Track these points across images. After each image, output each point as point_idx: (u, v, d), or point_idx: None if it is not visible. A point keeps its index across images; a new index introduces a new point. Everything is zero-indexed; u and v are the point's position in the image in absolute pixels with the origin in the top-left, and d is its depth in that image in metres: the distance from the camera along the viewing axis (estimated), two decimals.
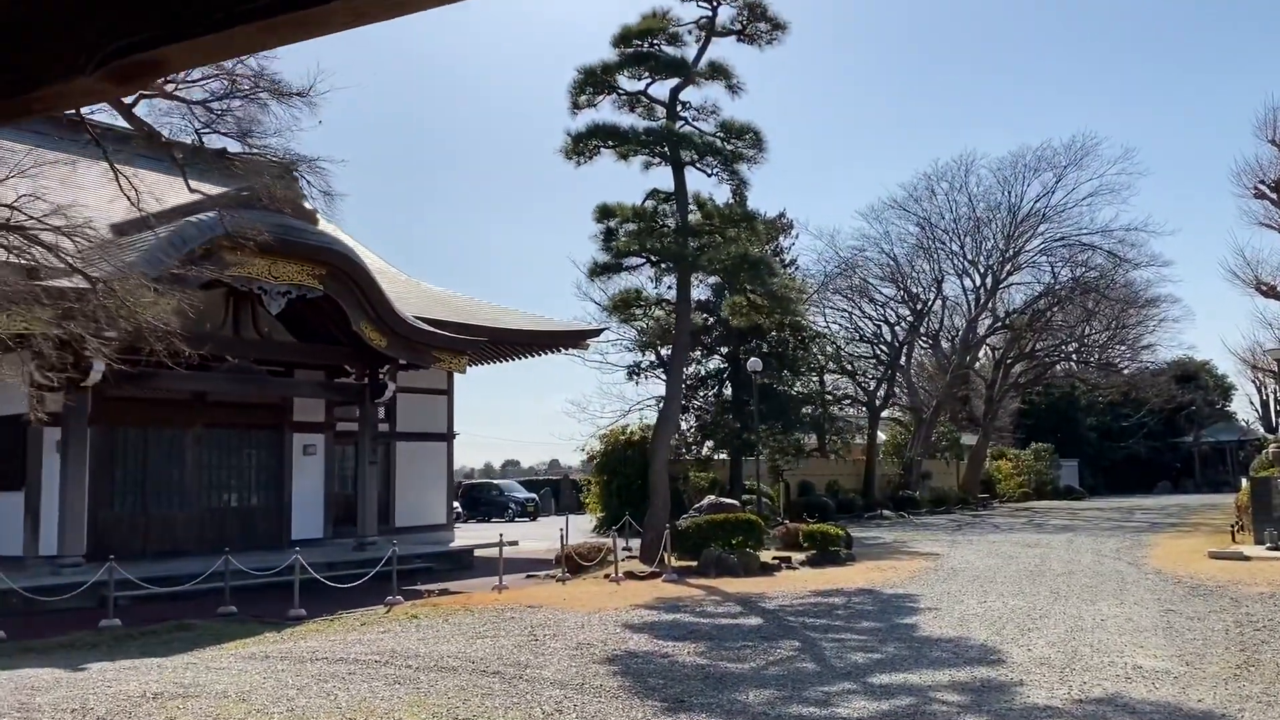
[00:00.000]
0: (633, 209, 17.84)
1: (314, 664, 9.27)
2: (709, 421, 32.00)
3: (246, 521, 20.08)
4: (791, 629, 11.04)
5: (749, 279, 17.95)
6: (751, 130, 18.08)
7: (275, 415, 20.75)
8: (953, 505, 41.37)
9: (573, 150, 17.50)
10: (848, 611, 12.40)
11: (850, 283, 43.99)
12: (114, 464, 18.27)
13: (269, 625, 12.63)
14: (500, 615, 12.40)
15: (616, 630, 10.99)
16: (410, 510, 25.08)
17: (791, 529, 20.37)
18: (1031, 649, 9.56)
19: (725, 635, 10.61)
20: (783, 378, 33.45)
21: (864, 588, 14.76)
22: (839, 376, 44.78)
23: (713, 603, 13.34)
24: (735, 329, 29.60)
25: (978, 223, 44.43)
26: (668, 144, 17.68)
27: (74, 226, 11.26)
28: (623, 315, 18.61)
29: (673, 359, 18.89)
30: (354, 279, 18.91)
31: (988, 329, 46.84)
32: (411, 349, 19.97)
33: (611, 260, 17.35)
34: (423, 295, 25.51)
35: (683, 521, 18.00)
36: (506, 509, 42.62)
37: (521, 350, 27.51)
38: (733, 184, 18.26)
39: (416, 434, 25.54)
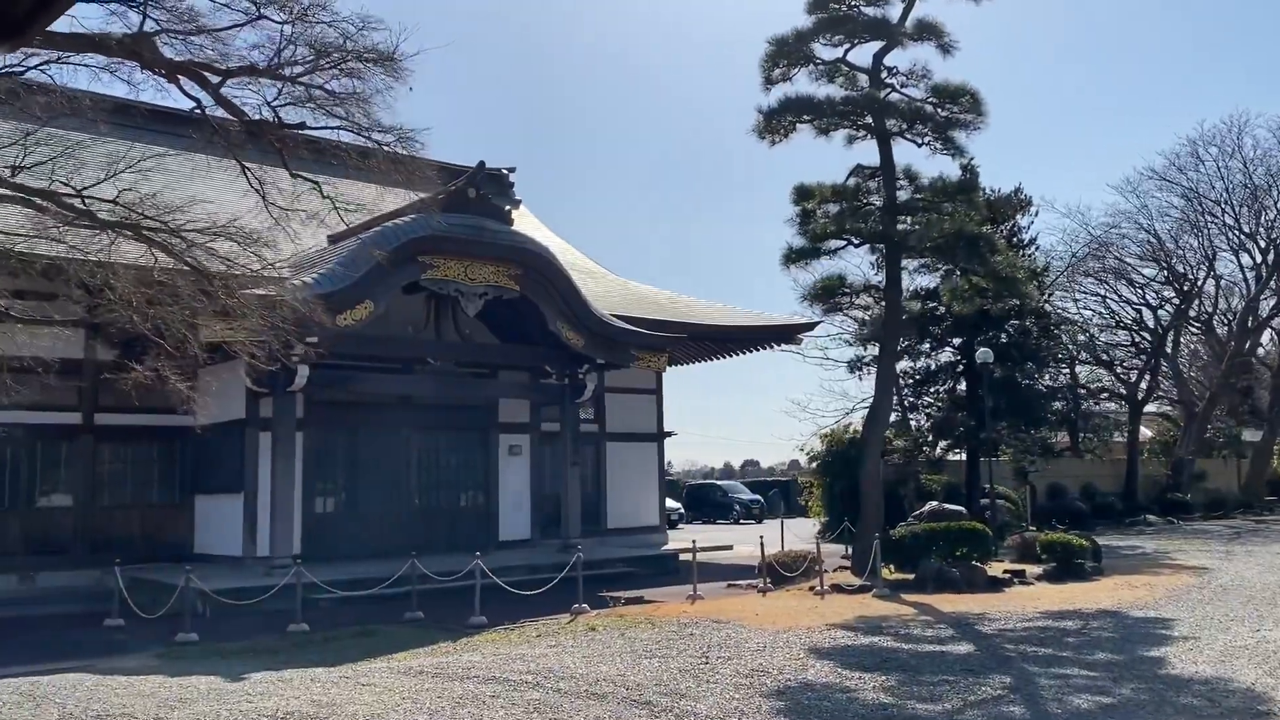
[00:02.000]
0: (832, 188, 16.38)
1: (463, 683, 8.64)
2: (941, 420, 29.66)
3: (455, 523, 20.18)
4: (1006, 660, 9.40)
5: (966, 258, 16.07)
6: (968, 92, 16.21)
7: (481, 417, 20.76)
8: (1232, 509, 36.66)
9: (765, 128, 16.28)
10: (1081, 639, 10.54)
11: (1103, 264, 39.94)
12: (326, 467, 18.76)
13: (448, 633, 12.26)
14: (681, 631, 11.43)
15: (799, 655, 9.75)
16: (621, 512, 24.66)
17: (1028, 538, 18.21)
18: None
19: (924, 666, 9.14)
20: (1025, 370, 30.56)
21: (1107, 609, 12.69)
22: (1093, 367, 40.83)
23: (921, 624, 11.78)
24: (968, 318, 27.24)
25: (1255, 191, 39.23)
26: (870, 113, 16.12)
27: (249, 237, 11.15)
28: (825, 305, 17.16)
29: (883, 351, 17.26)
30: (549, 279, 18.56)
31: (1271, 310, 41.30)
32: (609, 348, 19.42)
33: (808, 245, 15.97)
34: (627, 294, 25.02)
35: (898, 530, 16.36)
36: (731, 511, 41.73)
37: (731, 347, 26.51)
38: (948, 153, 16.43)
39: (626, 434, 25.10)
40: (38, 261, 7.92)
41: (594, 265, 27.81)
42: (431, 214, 17.33)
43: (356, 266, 16.15)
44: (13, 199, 7.29)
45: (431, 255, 17.15)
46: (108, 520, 18.20)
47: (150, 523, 18.78)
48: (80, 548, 17.57)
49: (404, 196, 20.11)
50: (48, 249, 8.05)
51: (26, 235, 7.68)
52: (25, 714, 7.69)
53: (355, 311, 16.18)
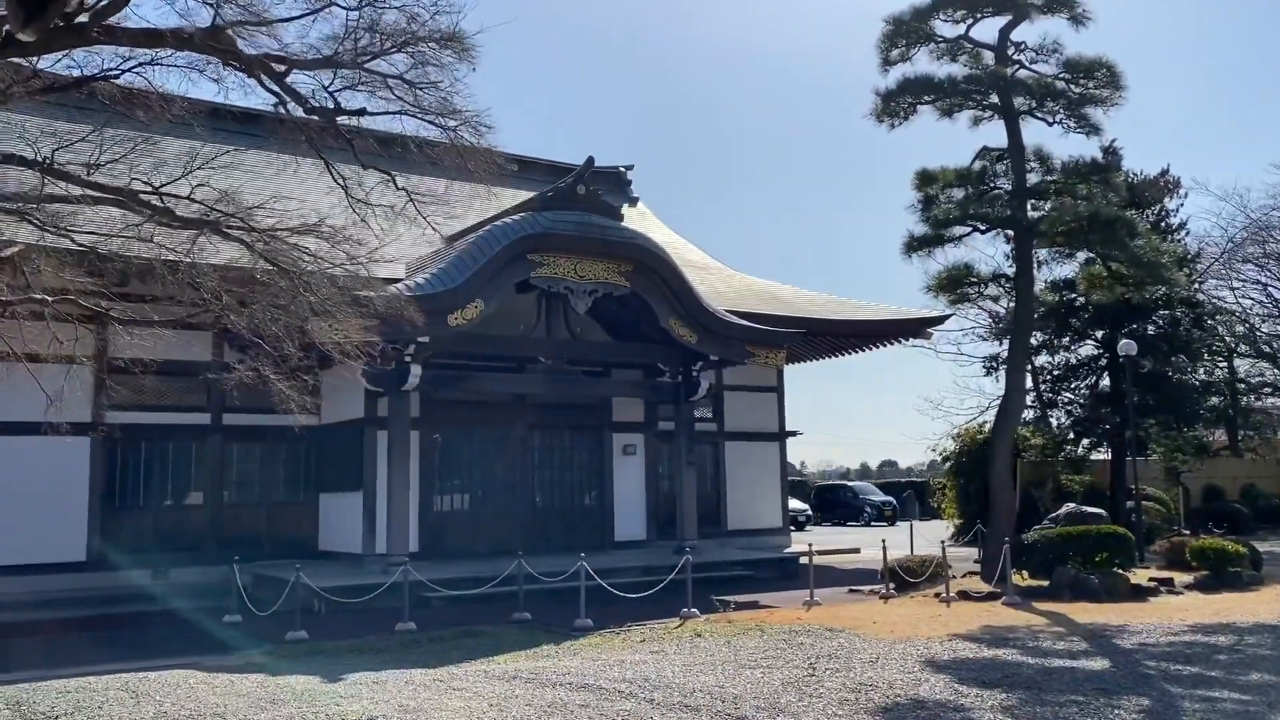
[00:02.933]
0: (956, 172, 15.47)
1: (554, 690, 8.35)
2: (1082, 417, 28.04)
3: (570, 522, 20.03)
4: (1146, 679, 8.53)
5: (1103, 243, 14.91)
6: (1104, 66, 15.07)
7: (594, 415, 20.57)
8: None
9: (884, 111, 15.51)
10: (1234, 657, 9.53)
11: (1264, 249, 37.11)
12: (442, 465, 18.86)
13: (553, 635, 12.04)
14: (791, 639, 10.88)
15: (914, 668, 9.09)
16: (742, 513, 24.12)
17: (1177, 544, 16.89)
18: None
19: (1051, 684, 8.36)
20: (1175, 363, 28.60)
21: (1266, 623, 11.52)
22: (1255, 361, 38.00)
23: (1053, 636, 10.91)
24: (1111, 308, 25.61)
25: None
26: (996, 91, 15.17)
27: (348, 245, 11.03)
28: (951, 296, 16.24)
29: (1013, 343, 16.21)
30: (660, 274, 18.19)
31: None
32: (722, 344, 18.93)
33: (930, 232, 15.11)
34: (745, 289, 24.47)
35: (1031, 534, 15.36)
36: (861, 512, 40.59)
37: (855, 343, 25.61)
38: (1082, 131, 15.30)
39: (747, 433, 24.54)
40: (128, 261, 8.01)
41: (711, 260, 27.34)
42: (540, 212, 17.24)
43: (466, 267, 16.15)
44: (93, 198, 7.37)
45: (540, 253, 17.01)
46: (236, 518, 18.73)
47: (277, 520, 19.25)
48: (210, 545, 18.10)
49: (516, 197, 20.14)
50: (142, 249, 8.13)
51: (119, 235, 7.76)
52: (124, 711, 7.76)
53: (466, 311, 16.17)
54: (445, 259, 16.55)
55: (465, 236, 17.65)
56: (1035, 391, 29.74)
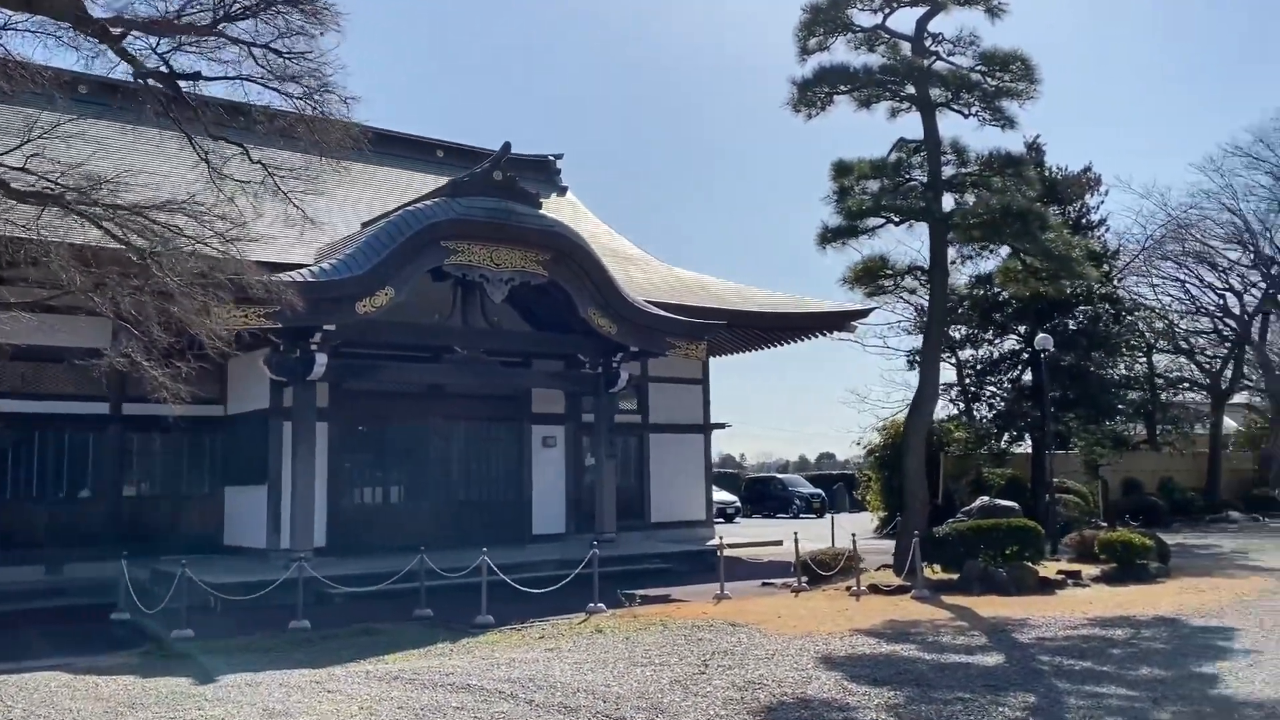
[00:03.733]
0: (871, 163, 15.35)
1: (433, 691, 8.03)
2: (1004, 410, 28.30)
3: (488, 516, 19.63)
4: (1037, 674, 8.45)
5: (1016, 236, 14.93)
6: (1019, 59, 15.06)
7: (514, 407, 20.19)
8: None
9: (801, 101, 15.34)
10: (1128, 651, 9.51)
11: (1184, 246, 37.86)
12: (353, 457, 18.35)
13: (452, 633, 11.68)
14: (691, 634, 10.68)
15: (808, 665, 8.92)
16: (665, 505, 23.96)
17: (1087, 537, 17.00)
18: None
19: (942, 680, 8.24)
20: (1096, 359, 28.99)
21: (1164, 615, 11.58)
22: (1173, 356, 38.79)
23: (954, 630, 10.84)
24: (1033, 304, 25.86)
25: None
26: (913, 82, 15.08)
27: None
28: (868, 288, 16.15)
29: (927, 337, 16.16)
30: (580, 264, 17.89)
31: None
32: (643, 335, 18.69)
33: (845, 223, 15.00)
34: (672, 280, 24.27)
35: (942, 527, 15.35)
36: (790, 505, 40.73)
37: (782, 335, 25.58)
38: (998, 124, 15.28)
39: (672, 425, 24.37)
40: None
41: (639, 252, 27.11)
42: (454, 198, 16.82)
43: (375, 253, 15.68)
44: None
45: (455, 240, 16.60)
46: (137, 511, 18.07)
47: (181, 514, 18.62)
48: (109, 539, 17.34)
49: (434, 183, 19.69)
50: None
51: None
52: None
53: (375, 299, 15.71)
54: (353, 244, 16.07)
55: (377, 222, 17.20)
56: (959, 386, 30.01)
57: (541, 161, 30.16)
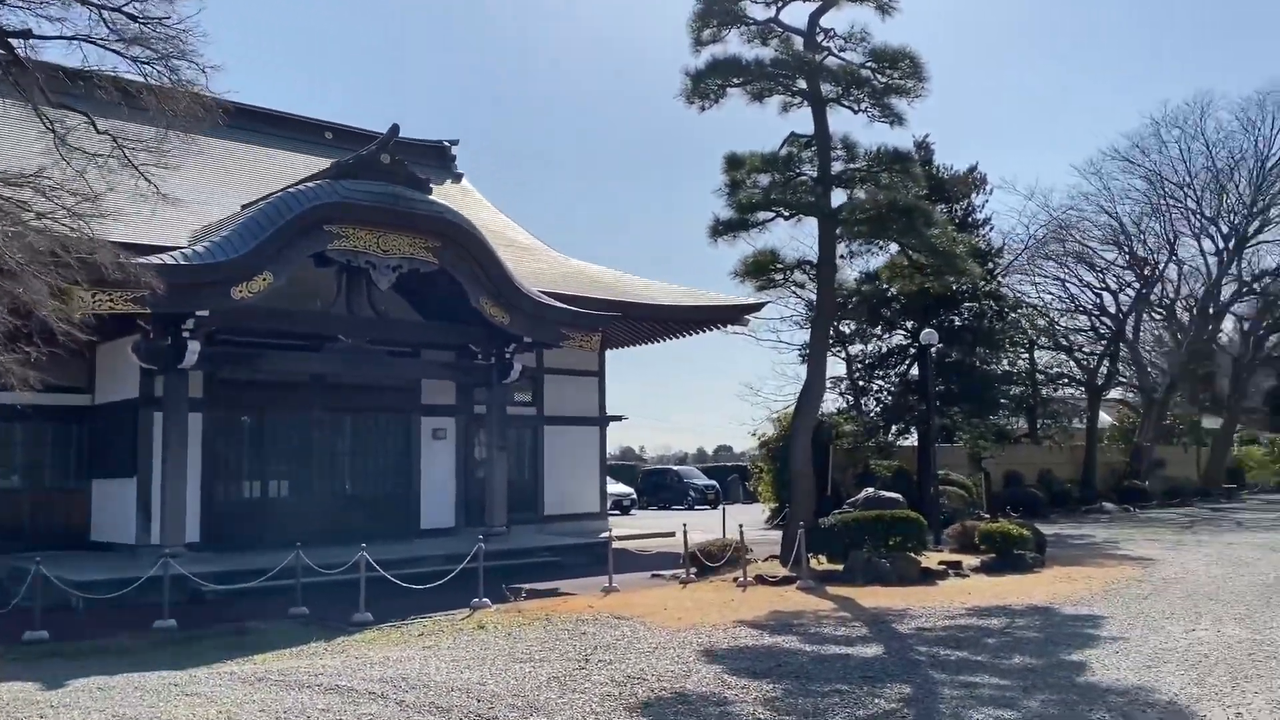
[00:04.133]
0: (763, 157, 15.41)
1: (299, 692, 7.68)
2: (891, 404, 28.89)
3: (374, 510, 19.10)
4: (914, 665, 8.53)
5: (901, 232, 15.17)
6: (908, 57, 15.28)
7: (402, 398, 19.69)
8: (1190, 497, 36.26)
9: (694, 92, 15.28)
10: (1002, 640, 9.70)
11: (1064, 247, 39.24)
12: (230, 450, 17.62)
13: (328, 631, 11.28)
14: (575, 629, 10.51)
15: (690, 658, 8.84)
16: (559, 498, 23.75)
17: (968, 528, 17.42)
18: (1243, 713, 6.72)
19: (821, 672, 8.25)
20: (980, 354, 29.81)
21: (1039, 604, 11.88)
22: (1053, 353, 40.19)
23: (836, 621, 10.92)
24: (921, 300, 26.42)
25: (1217, 174, 38.68)
26: (804, 77, 15.17)
27: None
28: (758, 282, 16.22)
29: (815, 330, 16.33)
30: (471, 251, 17.52)
31: (1233, 296, 40.80)
32: (536, 325, 18.42)
33: (736, 216, 15.03)
34: (567, 271, 24.03)
35: (828, 518, 15.51)
36: (685, 496, 40.96)
37: (677, 328, 25.57)
38: (886, 121, 15.48)
39: (567, 417, 24.17)
40: None
41: (535, 242, 26.81)
42: (339, 180, 16.28)
43: (253, 235, 15.07)
44: None
45: (339, 224, 16.07)
46: None
47: (45, 508, 17.68)
48: None
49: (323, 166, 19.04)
50: None
51: None
52: None
53: (252, 284, 15.10)
54: (230, 227, 15.41)
55: (257, 204, 16.54)
56: (849, 379, 30.53)
57: (437, 147, 29.58)
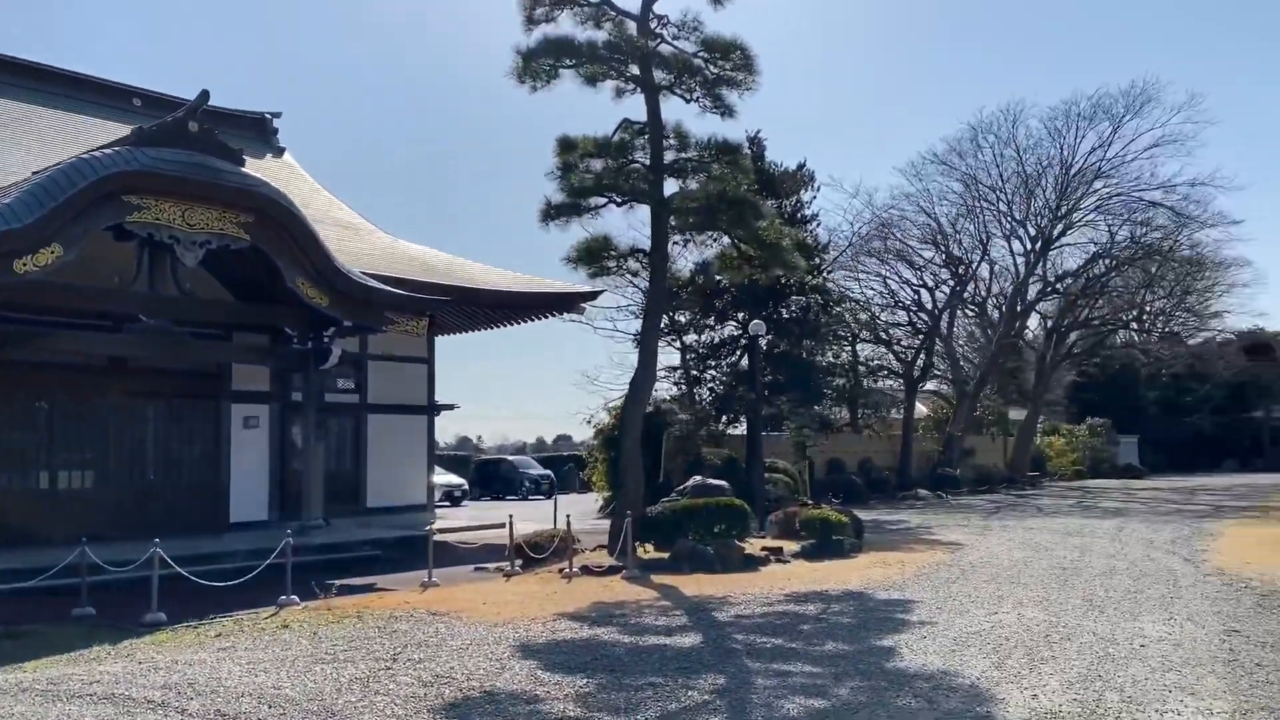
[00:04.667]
0: (596, 141, 15.20)
1: (69, 703, 6.97)
2: (723, 394, 29.35)
3: (178, 503, 17.91)
4: (730, 654, 8.50)
5: (730, 223, 15.28)
6: (739, 48, 15.35)
7: (211, 384, 18.53)
8: (997, 484, 38.43)
9: (525, 71, 14.91)
10: (817, 626, 9.82)
11: (886, 244, 40.93)
12: (11, 437, 16.15)
13: (117, 634, 10.38)
14: (388, 626, 10.04)
15: (505, 654, 8.55)
16: (384, 489, 22.92)
17: (790, 514, 17.79)
18: (1039, 694, 6.93)
19: (637, 664, 8.10)
20: (807, 346, 30.65)
21: (854, 589, 12.16)
22: (875, 346, 41.85)
23: (657, 611, 10.84)
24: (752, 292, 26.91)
25: (1027, 179, 41.09)
26: (637, 62, 15.04)
27: None
28: (590, 268, 16.03)
29: (647, 319, 16.29)
30: (287, 228, 16.55)
31: (1038, 295, 43.50)
32: (358, 309, 17.59)
33: (567, 201, 14.78)
34: (395, 253, 23.20)
35: (655, 507, 15.50)
36: (520, 486, 40.52)
37: (510, 314, 25.12)
38: (717, 111, 15.54)
39: (393, 406, 23.32)
40: None
41: (363, 221, 25.79)
42: (139, 147, 15.09)
43: (39, 204, 13.75)
44: None
45: (139, 194, 14.85)
46: None
47: None
48: None
49: None
50: None
51: None
52: None
53: (38, 256, 13.77)
54: (12, 193, 14.06)
55: (46, 171, 15.16)
56: (683, 369, 30.83)
57: (257, 119, 28.05)
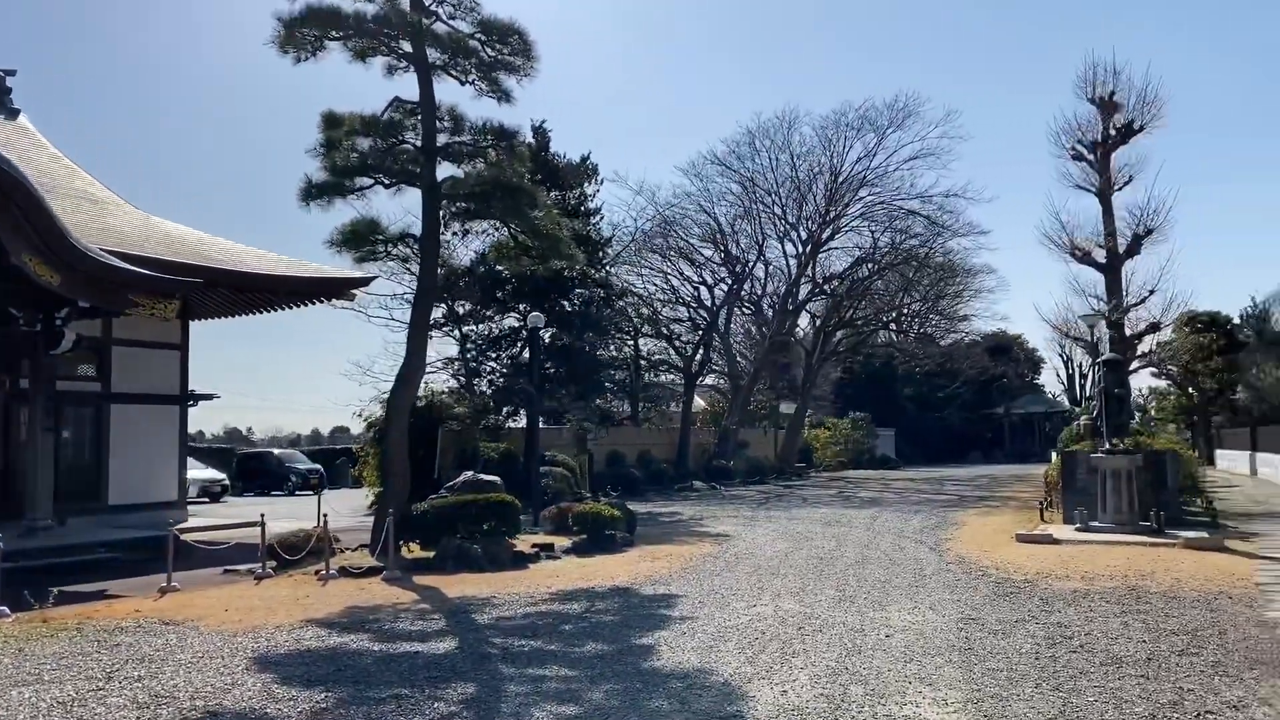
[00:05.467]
0: (364, 119, 14.44)
1: None
2: (503, 386, 28.91)
3: None
4: (485, 659, 8.17)
5: (505, 212, 14.90)
6: (517, 32, 14.97)
7: None
8: (768, 475, 39.82)
9: (287, 40, 13.95)
10: (580, 625, 9.65)
11: (668, 241, 41.64)
12: None
13: None
14: (108, 640, 9.07)
15: (239, 668, 7.87)
16: (129, 485, 21.16)
17: (564, 510, 17.62)
18: (787, 689, 7.00)
19: (383, 674, 7.64)
20: (589, 339, 30.66)
21: (621, 585, 12.10)
22: (656, 341, 42.51)
23: (415, 614, 10.36)
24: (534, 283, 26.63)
25: (800, 184, 42.80)
26: (409, 38, 14.39)
27: None
28: (357, 253, 15.23)
29: (417, 306, 15.66)
30: (11, 198, 14.89)
31: (808, 295, 45.43)
32: (97, 289, 16.05)
33: (331, 180, 13.96)
34: (146, 230, 21.40)
35: (422, 504, 14.94)
36: (286, 481, 38.51)
37: (275, 299, 23.71)
38: (494, 96, 15.10)
39: (140, 395, 21.56)
40: None
41: (108, 194, 23.64)
42: None
43: None
44: None
45: None
46: None
47: None
48: None
49: None
50: None
51: None
52: None
53: None
54: None
55: None
56: (461, 360, 30.16)
57: None
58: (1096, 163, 26.91)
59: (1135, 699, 6.63)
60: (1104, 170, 26.83)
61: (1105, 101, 26.99)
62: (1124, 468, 16.11)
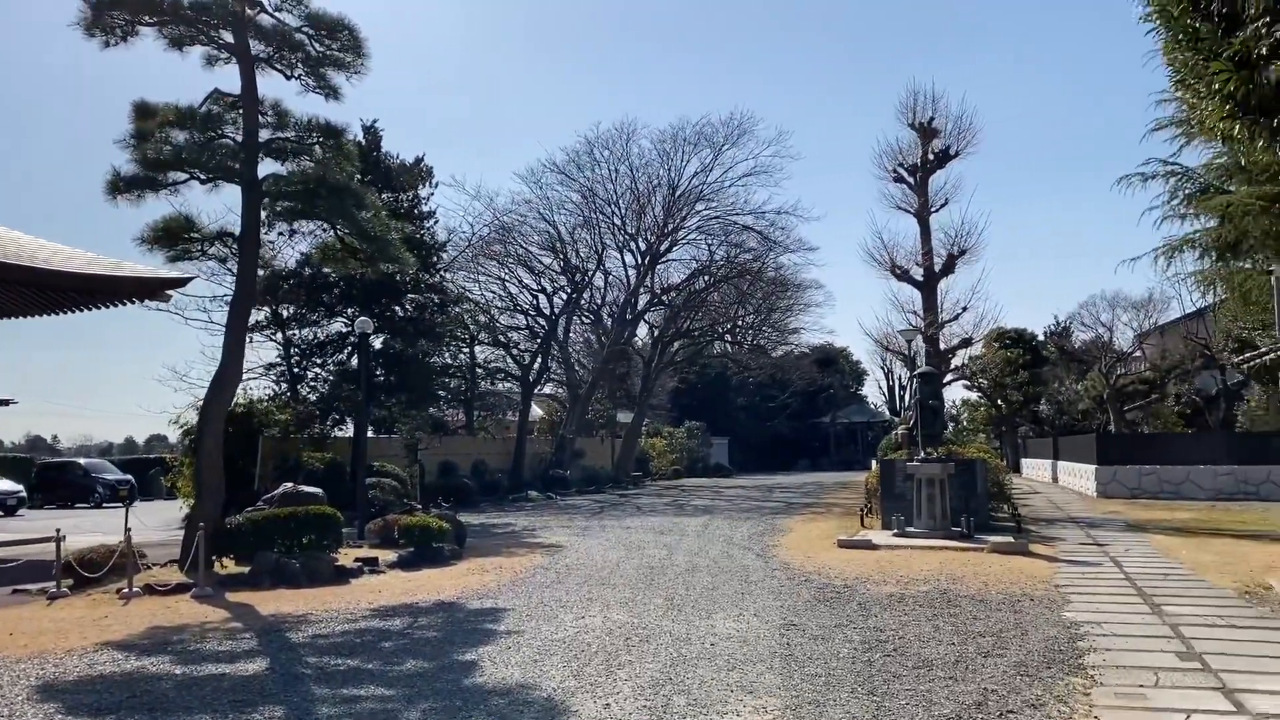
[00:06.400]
0: (180, 110, 13.67)
1: None
2: (328, 394, 27.88)
3: None
4: (297, 679, 7.78)
5: (330, 211, 14.38)
6: (347, 28, 14.51)
7: None
8: (604, 484, 39.95)
9: (95, 23, 13.08)
10: (400, 642, 9.32)
11: (506, 248, 41.26)
12: None
13: None
14: None
15: (18, 699, 7.22)
16: None
17: (390, 522, 17.11)
18: (610, 703, 6.93)
19: (183, 700, 7.16)
20: (422, 346, 29.94)
21: (447, 600, 11.79)
22: (493, 349, 42.01)
23: (224, 634, 9.79)
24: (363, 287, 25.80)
25: (639, 196, 43.27)
26: (231, 29, 13.71)
27: None
28: (170, 251, 14.40)
29: (234, 308, 14.93)
30: None
31: (646, 305, 45.94)
32: None
33: (142, 173, 13.14)
34: None
35: (236, 517, 14.21)
36: (93, 493, 36.14)
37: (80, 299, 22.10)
38: (322, 92, 14.57)
39: None
40: None
41: None
42: None
43: None
44: None
45: None
46: None
47: None
48: None
49: None
50: None
51: None
52: None
53: None
54: None
55: None
56: (285, 366, 28.97)
57: None
58: (916, 185, 28.27)
59: (943, 700, 6.88)
60: (922, 193, 28.22)
61: (925, 127, 28.44)
62: (938, 475, 16.89)
